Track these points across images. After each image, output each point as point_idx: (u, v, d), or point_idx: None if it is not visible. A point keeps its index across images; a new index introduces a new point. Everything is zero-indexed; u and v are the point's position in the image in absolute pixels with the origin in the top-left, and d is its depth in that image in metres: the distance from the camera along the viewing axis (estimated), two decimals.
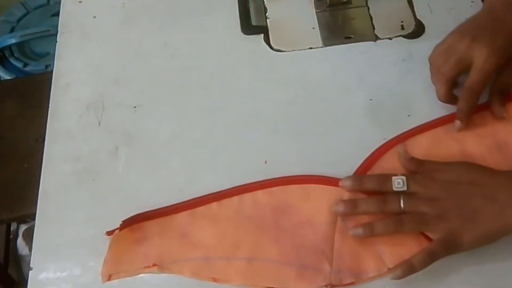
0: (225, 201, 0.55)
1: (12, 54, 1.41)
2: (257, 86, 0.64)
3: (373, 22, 0.69)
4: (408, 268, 0.48)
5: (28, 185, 0.93)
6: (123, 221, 0.53)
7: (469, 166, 0.51)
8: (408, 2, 0.70)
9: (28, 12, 1.48)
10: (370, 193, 0.53)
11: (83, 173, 0.59)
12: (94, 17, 0.72)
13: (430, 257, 0.48)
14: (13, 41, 1.39)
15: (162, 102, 0.64)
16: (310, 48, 0.67)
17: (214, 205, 0.55)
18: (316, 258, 0.50)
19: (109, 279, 0.52)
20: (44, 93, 0.66)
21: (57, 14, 0.74)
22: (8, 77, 1.37)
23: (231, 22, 0.70)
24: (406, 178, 0.50)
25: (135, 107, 0.63)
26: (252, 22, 0.70)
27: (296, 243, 0.51)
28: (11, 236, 1.30)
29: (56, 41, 0.70)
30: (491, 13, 0.57)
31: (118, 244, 0.53)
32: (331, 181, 0.54)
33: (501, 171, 0.50)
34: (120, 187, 0.58)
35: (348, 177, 0.53)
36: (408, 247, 0.50)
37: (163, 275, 0.52)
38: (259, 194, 0.55)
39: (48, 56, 1.40)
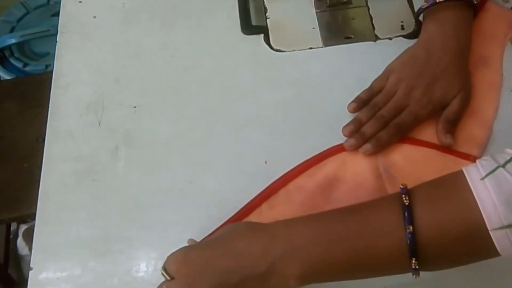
0: (273, 199, 0.55)
1: (12, 54, 1.41)
2: (257, 86, 0.64)
3: (373, 22, 0.69)
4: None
5: (28, 185, 0.94)
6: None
7: (228, 233, 0.47)
8: (408, 2, 0.70)
9: (28, 12, 1.48)
10: None
11: (83, 173, 0.59)
12: (94, 17, 0.72)
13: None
14: (13, 41, 1.39)
15: (162, 102, 0.64)
16: (310, 48, 0.67)
17: (263, 206, 0.55)
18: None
19: None
20: (44, 93, 0.66)
21: (57, 14, 0.74)
22: (8, 77, 1.37)
23: (231, 22, 0.70)
24: (164, 266, 0.47)
25: (135, 107, 0.63)
26: (252, 22, 0.70)
27: None
28: (11, 236, 1.30)
29: (56, 41, 0.70)
30: (428, 55, 0.59)
31: None
32: None
33: (257, 230, 0.46)
34: (120, 187, 0.58)
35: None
36: (451, 170, 0.48)
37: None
38: (300, 180, 0.56)
39: (48, 56, 1.40)
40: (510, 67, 0.63)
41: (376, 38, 0.67)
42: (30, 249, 0.56)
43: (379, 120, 0.57)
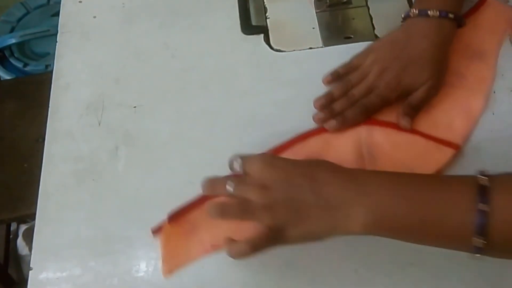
0: None
1: (12, 54, 1.41)
2: (257, 86, 0.64)
3: (373, 22, 0.69)
4: (228, 253, 0.47)
5: (28, 185, 0.94)
6: (168, 219, 0.54)
7: (315, 161, 0.49)
8: (408, 2, 0.70)
9: (28, 12, 1.48)
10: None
11: (83, 173, 0.59)
12: (94, 17, 0.72)
13: (251, 249, 0.45)
14: (13, 41, 1.39)
15: (162, 102, 0.64)
16: (310, 48, 0.67)
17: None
18: None
19: (170, 273, 0.52)
20: (44, 93, 0.66)
21: (57, 14, 0.74)
22: (8, 77, 1.37)
23: (231, 22, 0.70)
24: (241, 160, 0.48)
25: (135, 107, 0.63)
26: (252, 22, 0.70)
27: None
28: (11, 236, 1.30)
29: (56, 41, 0.70)
30: (407, 39, 0.60)
31: (170, 240, 0.53)
32: None
33: (344, 169, 0.48)
34: (120, 187, 0.58)
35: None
36: (433, 156, 0.55)
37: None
38: (284, 156, 0.55)
39: (48, 56, 1.40)
40: (510, 67, 0.63)
41: (376, 38, 0.67)
42: (30, 249, 0.56)
43: (349, 99, 0.59)
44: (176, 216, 0.54)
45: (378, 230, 0.44)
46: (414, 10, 0.60)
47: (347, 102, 0.59)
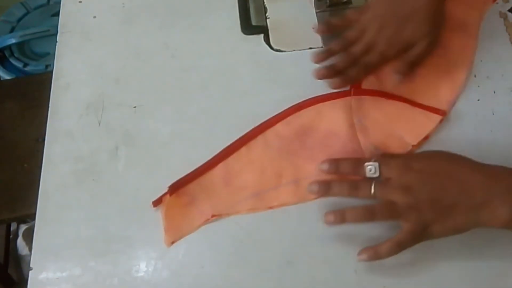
0: (252, 143, 0.59)
1: (12, 54, 1.41)
2: (257, 86, 0.64)
3: None
4: (375, 255, 0.49)
5: (28, 185, 0.93)
6: (170, 187, 0.56)
7: (449, 157, 0.51)
8: None
9: (28, 12, 1.48)
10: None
11: (83, 173, 0.59)
12: (94, 17, 0.72)
13: (398, 247, 0.49)
14: (13, 41, 1.39)
15: (162, 102, 0.64)
16: (310, 48, 0.67)
17: (243, 150, 0.58)
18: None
19: (172, 244, 0.54)
20: (44, 93, 0.66)
21: (57, 14, 0.74)
22: (8, 77, 1.37)
23: (231, 22, 0.70)
24: (379, 164, 0.51)
25: (135, 107, 0.63)
26: (252, 22, 0.70)
27: (328, 154, 0.56)
28: (11, 236, 1.30)
29: (56, 41, 0.70)
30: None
31: (170, 211, 0.55)
32: (337, 95, 0.61)
33: (481, 165, 0.49)
34: (120, 187, 0.58)
35: (325, 161, 0.55)
36: (421, 123, 0.57)
37: (163, 274, 0.53)
38: (278, 127, 0.59)
39: (48, 56, 1.40)
40: (510, 67, 0.63)
41: None
42: (30, 249, 0.56)
43: (350, 56, 0.60)
44: (176, 188, 0.56)
45: None
46: None
47: (348, 59, 0.60)
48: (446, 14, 0.63)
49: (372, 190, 0.50)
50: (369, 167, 0.51)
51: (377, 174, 0.51)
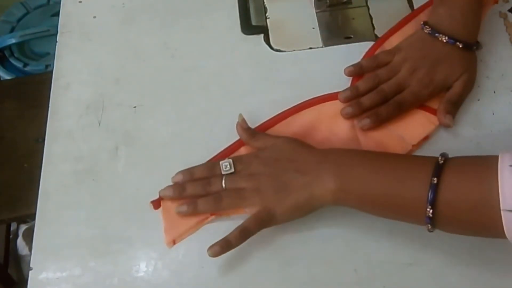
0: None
1: (12, 54, 1.41)
2: (257, 86, 0.64)
3: (373, 22, 0.69)
4: (226, 244, 0.51)
5: (28, 185, 0.93)
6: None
7: (291, 144, 0.55)
8: (408, 2, 0.70)
9: (28, 12, 1.48)
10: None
11: (83, 173, 0.59)
12: (94, 17, 0.72)
13: (245, 233, 0.51)
14: (13, 41, 1.39)
15: (162, 102, 0.64)
16: (310, 48, 0.67)
17: (242, 149, 0.58)
18: None
19: (173, 244, 0.54)
20: (44, 93, 0.66)
21: (57, 14, 0.74)
22: (8, 77, 1.37)
23: (231, 22, 0.70)
24: (233, 160, 0.55)
25: (135, 107, 0.63)
26: (252, 22, 0.70)
27: None
28: (11, 236, 1.30)
29: (56, 41, 0.70)
30: (434, 38, 0.60)
31: (170, 211, 0.55)
32: (337, 95, 0.60)
33: (317, 149, 0.53)
34: (120, 187, 0.58)
35: (178, 172, 0.56)
36: (421, 123, 0.58)
37: (163, 274, 0.53)
38: (279, 128, 0.60)
39: (48, 56, 1.40)
40: (510, 67, 0.63)
41: (376, 38, 0.67)
42: (30, 249, 0.56)
43: (379, 94, 0.59)
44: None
45: (345, 200, 0.50)
46: (427, 27, 0.60)
47: (377, 97, 0.59)
48: None
49: (223, 183, 0.53)
50: (224, 164, 0.54)
51: (232, 170, 0.54)
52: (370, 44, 0.66)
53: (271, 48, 0.67)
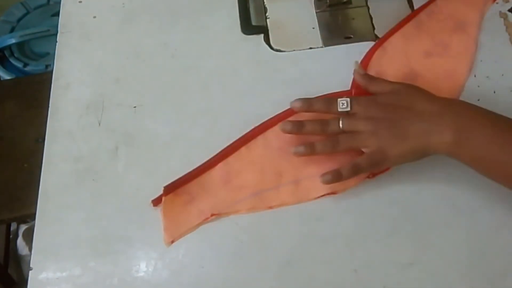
0: (252, 143, 0.59)
1: (12, 54, 1.41)
2: (257, 86, 0.64)
3: (373, 22, 0.69)
4: (337, 174, 0.52)
5: (28, 185, 0.94)
6: (165, 188, 0.56)
7: (410, 89, 0.55)
8: (408, 2, 0.70)
9: (28, 12, 1.48)
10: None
11: (83, 173, 0.59)
12: (94, 17, 0.72)
13: (356, 169, 0.53)
14: (13, 41, 1.39)
15: (162, 102, 0.64)
16: (310, 48, 0.67)
17: (243, 149, 0.58)
18: (350, 157, 0.55)
19: (171, 243, 0.54)
20: (44, 93, 0.66)
21: (57, 14, 0.74)
22: (8, 77, 1.37)
23: (231, 22, 0.70)
24: (350, 100, 0.55)
25: (135, 107, 0.63)
26: (252, 22, 0.70)
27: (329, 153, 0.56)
28: (11, 236, 1.30)
29: (56, 41, 0.70)
30: None
31: (170, 210, 0.55)
32: (337, 95, 0.58)
33: (437, 97, 0.54)
34: (120, 187, 0.58)
35: (298, 99, 0.57)
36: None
37: (163, 274, 0.53)
38: (278, 127, 0.58)
39: (48, 56, 1.40)
40: (510, 67, 0.63)
41: (376, 38, 0.67)
42: (30, 249, 0.56)
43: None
44: (173, 187, 0.56)
45: (459, 155, 0.51)
46: None
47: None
48: (447, 13, 0.64)
49: (341, 124, 0.54)
50: (341, 102, 0.55)
51: (348, 108, 0.54)
52: (370, 44, 0.66)
53: (271, 48, 0.67)
